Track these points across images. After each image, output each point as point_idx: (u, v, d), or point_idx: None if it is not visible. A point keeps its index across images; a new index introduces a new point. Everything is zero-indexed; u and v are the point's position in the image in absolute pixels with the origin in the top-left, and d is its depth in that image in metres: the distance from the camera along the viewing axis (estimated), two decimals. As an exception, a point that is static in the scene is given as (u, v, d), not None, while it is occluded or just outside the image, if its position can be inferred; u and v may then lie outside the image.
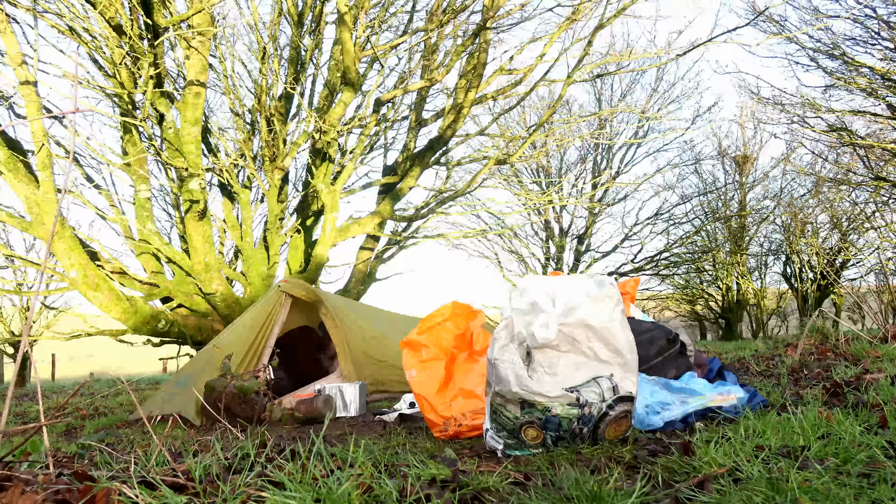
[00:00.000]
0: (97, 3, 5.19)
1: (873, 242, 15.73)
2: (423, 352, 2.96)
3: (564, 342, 2.19)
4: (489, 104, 11.83)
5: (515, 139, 8.87)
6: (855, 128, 11.99)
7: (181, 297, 6.20)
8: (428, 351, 2.97)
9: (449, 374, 2.92)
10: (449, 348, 3.00)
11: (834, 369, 3.28)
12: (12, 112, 5.97)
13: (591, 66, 8.04)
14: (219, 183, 7.18)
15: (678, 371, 2.91)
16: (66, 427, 4.38)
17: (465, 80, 7.15)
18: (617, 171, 16.92)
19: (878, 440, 1.72)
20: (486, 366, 2.85)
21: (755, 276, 18.31)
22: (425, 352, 2.96)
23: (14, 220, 5.26)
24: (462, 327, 3.08)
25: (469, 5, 6.91)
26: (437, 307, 3.14)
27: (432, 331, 3.03)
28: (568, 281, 2.35)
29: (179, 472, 1.54)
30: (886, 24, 9.75)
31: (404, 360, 2.99)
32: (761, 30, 10.89)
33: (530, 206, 14.89)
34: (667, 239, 17.44)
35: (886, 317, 5.87)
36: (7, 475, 1.38)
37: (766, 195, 17.92)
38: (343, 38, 5.86)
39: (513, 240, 17.31)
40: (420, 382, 2.86)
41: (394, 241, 8.02)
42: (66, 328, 13.50)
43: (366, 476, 1.54)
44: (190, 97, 5.89)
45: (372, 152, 8.37)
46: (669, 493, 1.48)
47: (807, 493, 1.36)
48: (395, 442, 2.59)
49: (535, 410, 2.10)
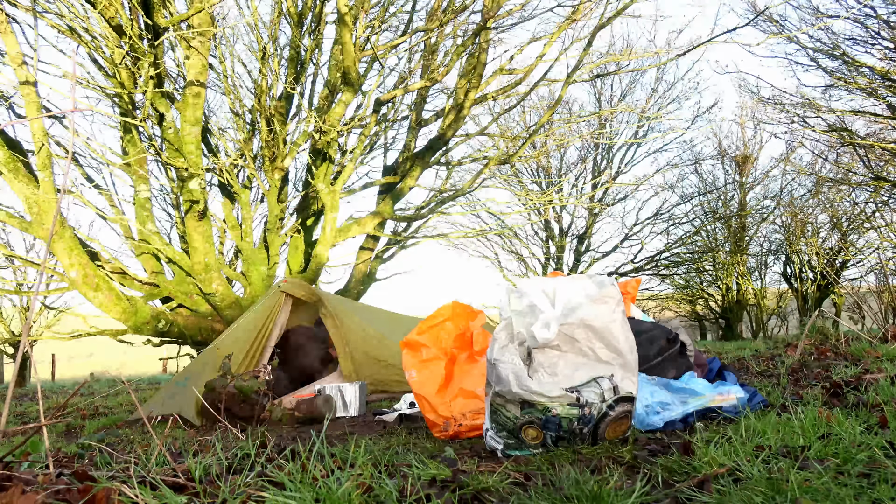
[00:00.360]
0: (97, 3, 5.19)
1: (873, 242, 15.73)
2: (423, 352, 2.96)
3: (565, 342, 2.19)
4: (489, 104, 11.84)
5: (515, 139, 8.87)
6: (855, 128, 12.00)
7: (181, 297, 6.20)
8: (428, 351, 2.97)
9: (449, 375, 2.92)
10: (449, 348, 3.00)
11: (834, 369, 3.28)
12: (12, 112, 5.97)
13: (591, 65, 8.04)
14: (219, 183, 7.18)
15: (678, 371, 2.91)
16: (66, 427, 4.38)
17: (465, 80, 7.15)
18: (617, 171, 16.93)
19: (878, 440, 1.72)
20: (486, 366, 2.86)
21: (755, 276, 18.31)
22: (425, 352, 2.96)
23: (14, 220, 5.26)
24: (462, 327, 3.08)
25: (469, 5, 6.91)
26: (438, 307, 3.14)
27: (432, 331, 3.03)
28: (568, 281, 2.34)
29: (179, 471, 1.54)
30: (886, 23, 9.75)
31: (404, 361, 2.99)
32: (761, 29, 10.90)
33: (530, 206, 14.90)
34: (667, 239, 17.46)
35: (886, 317, 5.87)
36: (7, 475, 1.38)
37: (766, 195, 17.93)
38: (343, 38, 5.86)
39: (513, 240, 17.32)
40: (420, 383, 2.86)
41: (394, 241, 8.02)
42: (66, 328, 13.51)
43: (366, 476, 1.54)
44: (190, 97, 5.89)
45: (372, 152, 8.38)
46: (669, 493, 1.48)
47: (807, 492, 1.36)
48: (395, 442, 2.59)
49: (535, 410, 2.10)
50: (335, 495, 1.40)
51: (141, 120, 5.71)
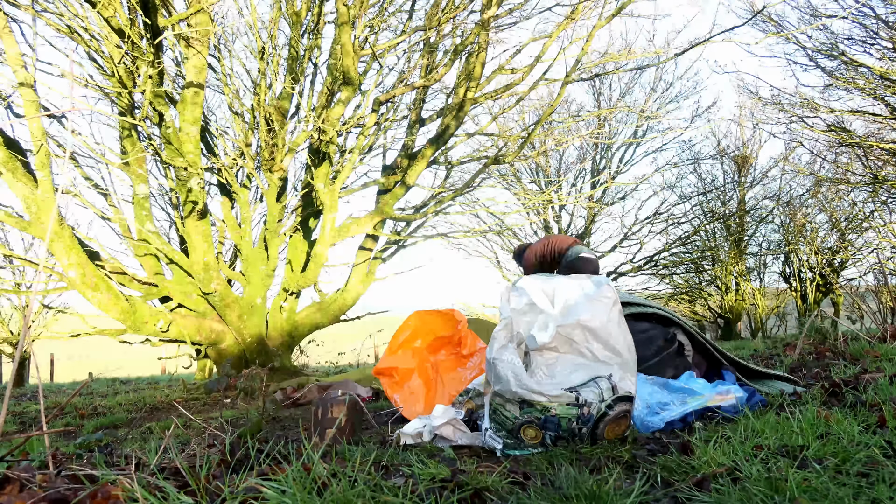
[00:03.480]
0: (96, 3, 5.18)
1: (872, 242, 15.74)
2: (395, 374, 2.96)
3: (563, 344, 2.20)
4: (488, 104, 11.83)
5: (514, 138, 8.87)
6: (854, 128, 12.01)
7: (180, 296, 6.20)
8: (398, 371, 2.96)
9: (428, 383, 2.92)
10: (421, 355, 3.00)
11: (833, 369, 3.29)
12: (10, 111, 5.96)
13: (590, 65, 8.04)
14: (218, 182, 7.17)
15: (676, 371, 2.91)
16: (65, 426, 4.37)
17: (464, 80, 7.15)
18: (616, 170, 16.93)
19: (877, 439, 1.72)
20: (472, 369, 2.86)
21: (754, 276, 18.32)
22: (396, 374, 2.96)
23: (13, 220, 5.25)
24: (434, 332, 3.07)
25: (468, 5, 6.91)
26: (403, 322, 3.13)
27: (402, 349, 3.03)
28: (566, 281, 2.35)
29: (180, 470, 1.54)
30: (885, 23, 9.75)
31: (385, 390, 2.99)
32: (760, 29, 10.91)
33: (529, 205, 14.90)
34: (666, 239, 17.46)
35: (885, 316, 5.88)
36: (6, 474, 1.38)
37: (764, 195, 17.94)
38: (342, 38, 5.86)
39: (512, 240, 17.32)
40: (407, 407, 2.86)
41: (393, 240, 8.01)
42: (65, 328, 13.48)
43: (366, 476, 1.54)
44: (189, 97, 5.88)
45: (371, 152, 8.37)
46: (668, 493, 1.48)
47: (806, 492, 1.36)
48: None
49: (535, 410, 2.10)
50: (335, 495, 1.40)
51: (140, 119, 5.70)
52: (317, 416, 2.46)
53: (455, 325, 3.07)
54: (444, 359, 3.00)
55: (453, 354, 3.01)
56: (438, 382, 2.91)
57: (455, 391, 2.85)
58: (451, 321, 3.10)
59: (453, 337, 3.05)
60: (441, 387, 2.89)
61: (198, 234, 6.15)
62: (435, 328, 3.09)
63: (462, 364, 2.97)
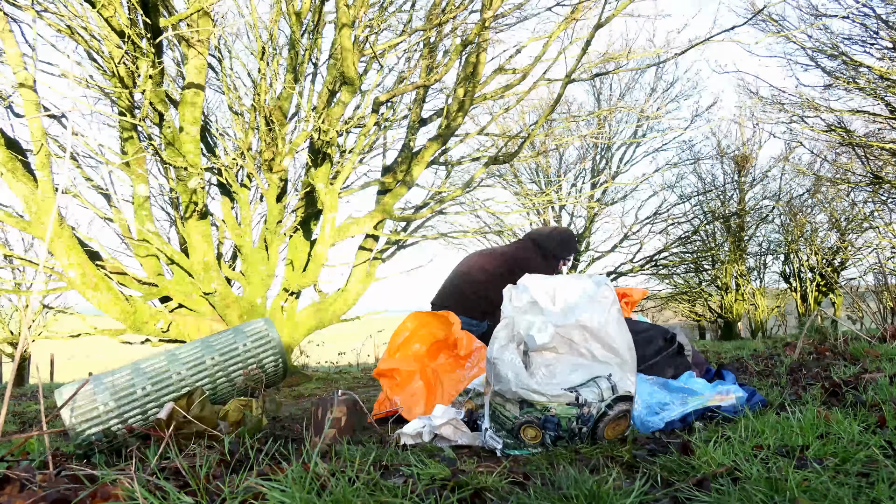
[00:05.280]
0: (96, 3, 5.18)
1: (872, 242, 15.75)
2: (396, 376, 2.95)
3: (562, 344, 2.20)
4: (489, 104, 11.83)
5: (515, 138, 8.87)
6: (854, 127, 12.00)
7: (180, 296, 6.20)
8: (399, 373, 2.96)
9: (429, 385, 2.91)
10: (423, 361, 2.99)
11: (833, 369, 3.29)
12: (11, 111, 5.96)
13: (591, 65, 8.04)
14: (218, 182, 7.17)
15: (676, 371, 2.91)
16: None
17: (465, 79, 7.15)
18: (616, 170, 16.93)
19: (877, 439, 1.72)
20: (470, 369, 2.85)
21: (754, 276, 18.32)
22: (398, 376, 2.95)
23: (12, 220, 5.25)
24: (435, 333, 3.06)
25: (468, 4, 6.90)
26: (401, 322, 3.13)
27: (401, 351, 3.03)
28: (566, 280, 2.35)
29: (180, 469, 1.54)
30: (885, 23, 9.75)
31: (386, 392, 2.98)
32: (760, 29, 10.92)
33: (529, 205, 14.90)
34: (666, 238, 17.47)
35: (885, 316, 5.88)
36: (6, 474, 1.38)
37: (765, 195, 17.95)
38: (342, 38, 5.86)
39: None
40: (408, 409, 2.85)
41: (393, 240, 8.01)
42: (65, 328, 13.50)
43: (366, 475, 1.54)
44: (189, 97, 5.88)
45: (371, 152, 8.37)
46: (668, 493, 1.48)
47: (805, 492, 1.36)
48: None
49: (534, 410, 2.10)
50: (335, 494, 1.40)
51: (140, 119, 5.70)
52: (317, 416, 2.46)
53: (450, 328, 3.07)
54: (443, 363, 2.99)
55: (451, 357, 3.01)
56: (438, 385, 2.91)
57: (454, 391, 2.85)
58: (446, 323, 3.11)
59: (449, 339, 3.05)
60: (441, 389, 2.89)
61: (198, 235, 6.15)
62: (433, 329, 3.09)
63: (460, 365, 2.97)
